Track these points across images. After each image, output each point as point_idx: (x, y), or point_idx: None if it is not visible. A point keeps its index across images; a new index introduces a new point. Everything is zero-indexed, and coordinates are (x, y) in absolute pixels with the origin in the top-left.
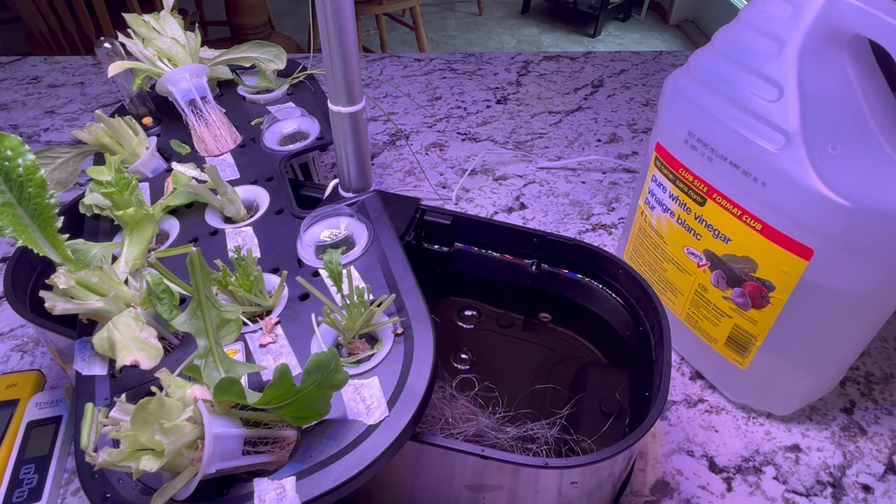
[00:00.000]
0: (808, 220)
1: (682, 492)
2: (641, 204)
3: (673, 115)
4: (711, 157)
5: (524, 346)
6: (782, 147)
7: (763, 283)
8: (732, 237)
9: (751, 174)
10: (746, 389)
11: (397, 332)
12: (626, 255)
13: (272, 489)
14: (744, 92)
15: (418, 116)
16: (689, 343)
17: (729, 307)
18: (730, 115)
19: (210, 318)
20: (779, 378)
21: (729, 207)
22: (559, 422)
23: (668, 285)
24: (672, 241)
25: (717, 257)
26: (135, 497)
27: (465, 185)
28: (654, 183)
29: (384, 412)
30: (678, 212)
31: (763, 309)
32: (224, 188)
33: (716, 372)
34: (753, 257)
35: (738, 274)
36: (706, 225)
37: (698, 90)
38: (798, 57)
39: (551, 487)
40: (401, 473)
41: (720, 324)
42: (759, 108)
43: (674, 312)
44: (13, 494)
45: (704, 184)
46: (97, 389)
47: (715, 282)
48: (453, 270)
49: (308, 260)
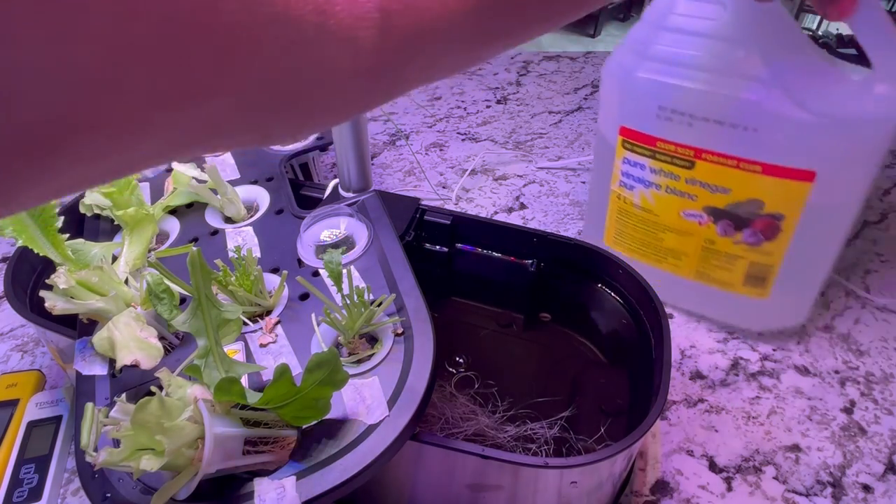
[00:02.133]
0: (804, 146)
1: (682, 491)
2: (616, 188)
3: (637, 97)
4: (692, 122)
5: (524, 346)
6: (761, 92)
7: (773, 217)
8: (732, 187)
9: (739, 125)
10: (769, 316)
11: (397, 332)
12: (608, 241)
13: (272, 489)
14: (706, 56)
15: (418, 116)
16: (704, 298)
17: (741, 249)
18: (703, 80)
19: (210, 318)
20: (793, 294)
21: (723, 161)
22: (559, 422)
23: (669, 252)
24: (664, 212)
25: (719, 210)
26: (135, 497)
27: (465, 185)
28: (626, 165)
29: (384, 412)
30: (664, 182)
31: (775, 239)
32: (224, 188)
33: (737, 313)
34: (759, 197)
35: (745, 217)
36: (701, 185)
37: (659, 66)
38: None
39: (551, 487)
40: (401, 473)
41: (734, 267)
42: (727, 66)
43: (681, 275)
44: (13, 494)
45: (690, 148)
46: (97, 389)
47: (722, 231)
48: (453, 270)
49: (308, 260)
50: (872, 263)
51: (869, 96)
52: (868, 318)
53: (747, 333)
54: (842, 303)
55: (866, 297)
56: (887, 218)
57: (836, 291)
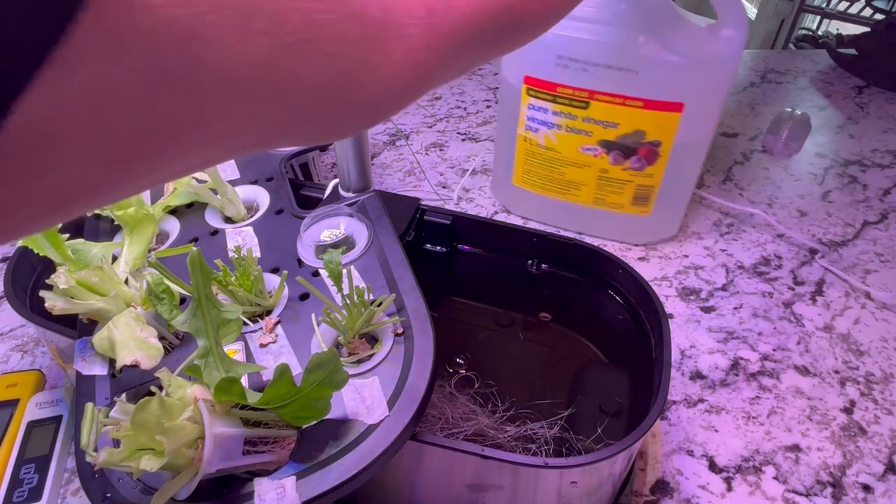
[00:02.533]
0: (674, 82)
1: (682, 491)
2: (522, 132)
3: (537, 48)
4: (586, 67)
5: (524, 346)
6: (640, 41)
7: (653, 144)
8: (620, 121)
9: (624, 68)
10: (648, 230)
11: (397, 332)
12: (517, 181)
13: (272, 489)
14: (596, 11)
15: (418, 116)
16: (599, 221)
17: (629, 175)
18: (593, 32)
19: (210, 318)
20: (668, 209)
21: (612, 100)
22: (559, 422)
23: (570, 185)
24: (565, 149)
25: (610, 142)
26: (135, 497)
27: (466, 185)
28: (531, 110)
29: (384, 412)
30: (564, 122)
31: (655, 163)
32: (224, 188)
33: (624, 230)
34: (641, 128)
35: (632, 146)
36: (594, 122)
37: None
38: None
39: (551, 487)
40: (401, 473)
41: (624, 191)
42: (611, 19)
43: (581, 203)
44: (13, 494)
45: (584, 91)
46: (97, 389)
47: (613, 161)
48: (453, 271)
49: (308, 260)
50: (872, 263)
51: (717, 39)
52: (868, 317)
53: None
54: (842, 302)
55: (866, 297)
56: (887, 218)
57: (836, 290)
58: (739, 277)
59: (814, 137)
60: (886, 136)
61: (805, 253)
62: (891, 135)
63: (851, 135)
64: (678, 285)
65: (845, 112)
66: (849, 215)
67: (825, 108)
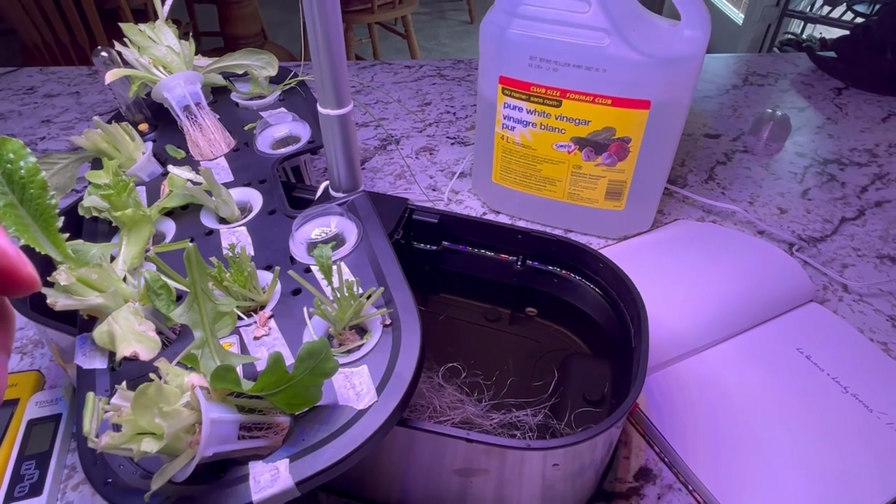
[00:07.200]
0: (640, 81)
1: (664, 478)
2: (500, 131)
3: (511, 50)
4: (557, 67)
5: (511, 340)
6: (607, 42)
7: (623, 140)
8: (591, 118)
9: (593, 67)
10: (622, 225)
11: (385, 324)
12: (496, 178)
13: (267, 471)
14: (565, 14)
15: (408, 121)
16: (575, 215)
17: (601, 171)
18: (563, 33)
19: (206, 311)
20: (641, 204)
21: (582, 98)
22: (543, 409)
23: (545, 180)
24: (540, 146)
25: (582, 139)
26: (135, 481)
27: (455, 187)
28: (507, 109)
29: (373, 398)
30: (539, 121)
31: (626, 159)
32: (218, 190)
33: (600, 225)
34: (612, 125)
35: (603, 142)
36: (567, 119)
37: (527, 23)
38: None
39: (535, 470)
40: (392, 461)
41: (597, 186)
42: (579, 20)
43: (556, 198)
44: (15, 489)
45: (556, 90)
46: (97, 382)
47: (586, 157)
48: (442, 268)
49: (300, 257)
50: (850, 258)
51: (681, 39)
52: (845, 309)
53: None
54: (820, 295)
55: (843, 290)
56: (864, 214)
57: (815, 283)
58: None
59: (794, 137)
60: (864, 136)
61: (784, 248)
62: (868, 134)
63: (831, 134)
64: None
65: (825, 113)
66: (827, 212)
67: (805, 109)
